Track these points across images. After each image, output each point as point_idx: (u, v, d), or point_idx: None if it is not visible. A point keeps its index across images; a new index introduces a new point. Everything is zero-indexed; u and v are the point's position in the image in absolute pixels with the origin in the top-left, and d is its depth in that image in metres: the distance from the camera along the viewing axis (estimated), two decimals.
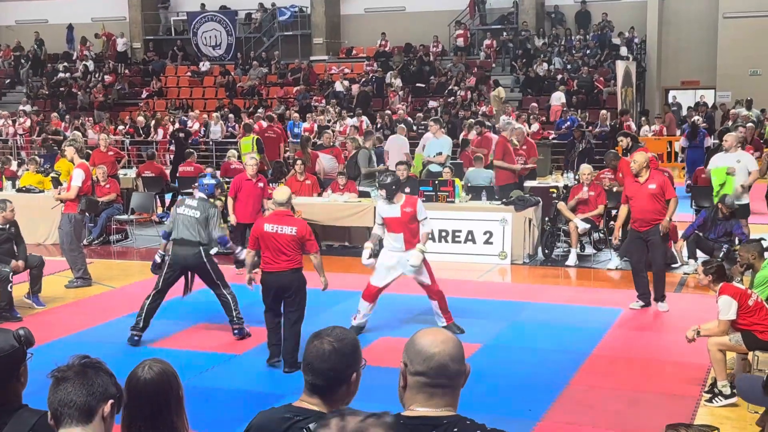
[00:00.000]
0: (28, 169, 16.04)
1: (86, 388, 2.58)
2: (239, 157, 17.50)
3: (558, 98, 24.70)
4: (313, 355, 2.83)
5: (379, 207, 9.06)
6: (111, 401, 2.63)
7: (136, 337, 8.58)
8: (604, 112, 23.05)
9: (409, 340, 2.66)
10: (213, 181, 9.19)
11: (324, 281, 8.15)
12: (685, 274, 11.47)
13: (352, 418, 2.10)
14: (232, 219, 11.91)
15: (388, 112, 24.09)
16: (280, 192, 7.95)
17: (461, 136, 19.88)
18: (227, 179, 15.67)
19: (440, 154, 15.44)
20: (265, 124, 20.39)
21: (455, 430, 2.49)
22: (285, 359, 7.77)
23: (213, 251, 9.09)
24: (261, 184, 12.07)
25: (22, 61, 32.97)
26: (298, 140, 21.69)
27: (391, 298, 10.72)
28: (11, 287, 9.71)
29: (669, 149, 22.77)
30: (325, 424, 2.12)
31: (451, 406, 2.57)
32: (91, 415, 2.58)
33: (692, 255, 11.40)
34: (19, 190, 14.86)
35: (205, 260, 8.63)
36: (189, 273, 8.84)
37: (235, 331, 8.76)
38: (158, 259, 8.96)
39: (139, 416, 3.01)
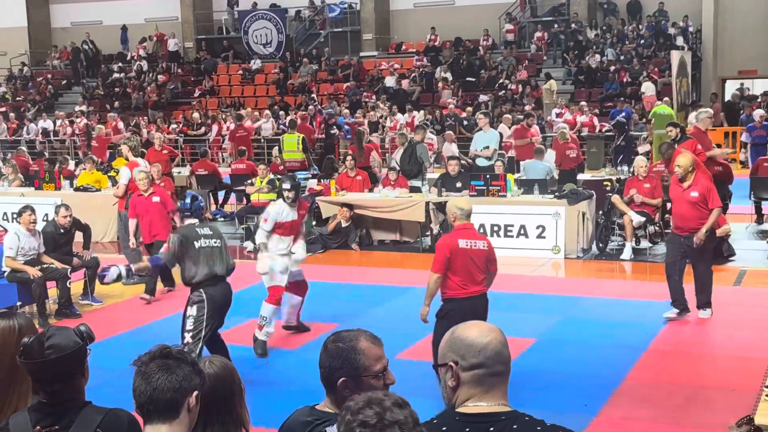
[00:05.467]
0: (85, 169, 16.34)
1: (170, 383, 2.59)
2: (280, 153, 17.68)
3: (651, 89, 24.21)
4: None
5: (280, 211, 8.53)
6: (196, 393, 2.64)
7: None
8: (659, 102, 22.66)
9: (449, 340, 2.61)
10: (201, 202, 7.89)
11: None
12: None
13: None
14: (133, 242, 10.99)
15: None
16: (465, 201, 7.05)
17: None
18: (278, 177, 15.82)
19: (487, 148, 15.38)
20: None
21: (514, 426, 2.46)
22: None
23: None
24: (157, 199, 10.84)
25: (78, 64, 33.58)
26: (349, 137, 21.89)
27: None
28: (70, 284, 9.94)
29: (726, 140, 22.32)
30: None
31: (504, 399, 2.55)
32: (177, 411, 2.60)
33: None
34: (76, 189, 15.15)
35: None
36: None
37: None
38: (123, 274, 7.19)
39: (204, 409, 3.05)
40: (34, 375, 2.84)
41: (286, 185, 8.58)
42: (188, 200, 7.60)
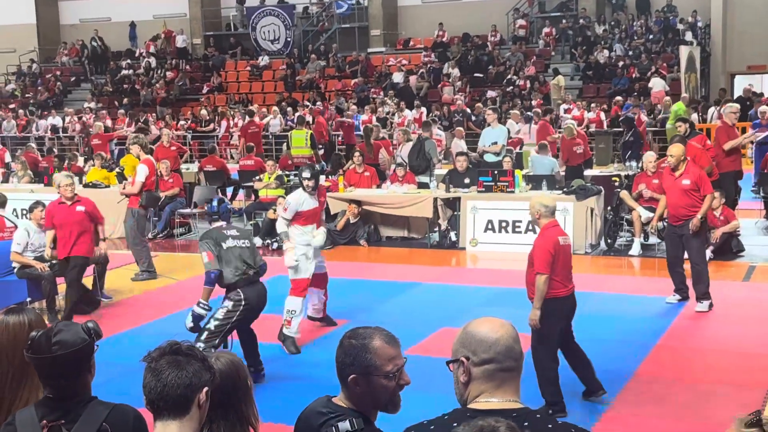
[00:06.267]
0: (94, 165, 16.39)
1: (180, 380, 2.58)
2: (288, 148, 17.73)
3: (659, 84, 24.13)
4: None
5: (299, 201, 8.43)
6: (206, 389, 2.64)
7: None
8: (667, 98, 22.62)
9: (461, 335, 2.63)
10: (228, 205, 7.88)
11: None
12: None
13: None
14: (48, 253, 9.82)
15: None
16: (550, 198, 6.82)
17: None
18: (287, 172, 15.85)
19: (495, 143, 15.38)
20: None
21: (525, 423, 2.46)
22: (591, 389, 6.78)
23: None
24: (81, 208, 9.68)
25: (84, 60, 33.67)
26: (356, 133, 21.90)
27: (450, 288, 10.71)
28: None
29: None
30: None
31: (516, 396, 2.55)
32: (187, 408, 2.60)
33: None
34: (85, 186, 15.18)
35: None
36: None
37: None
38: (202, 313, 7.19)
39: (210, 405, 3.06)
40: (40, 370, 2.85)
41: (306, 174, 8.47)
42: (215, 203, 7.55)
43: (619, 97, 23.66)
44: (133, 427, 2.86)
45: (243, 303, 7.10)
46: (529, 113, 21.00)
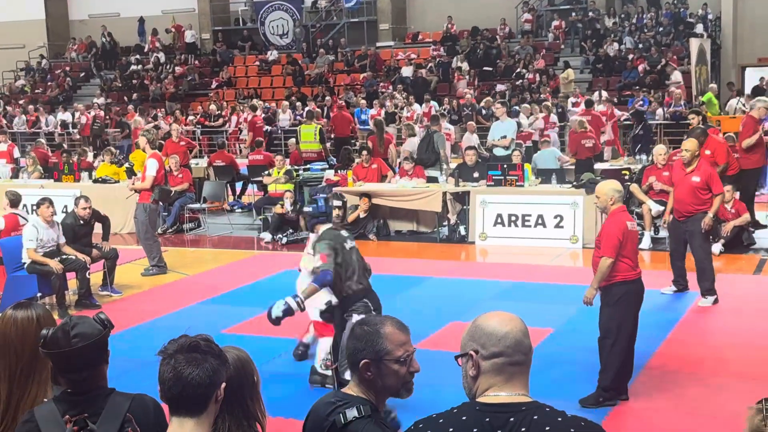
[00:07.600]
0: (103, 160, 16.42)
1: (200, 379, 2.57)
2: (297, 143, 17.76)
3: (679, 77, 24.05)
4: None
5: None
6: (223, 384, 2.64)
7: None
8: (678, 91, 22.52)
9: (470, 329, 2.63)
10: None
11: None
12: None
13: None
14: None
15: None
16: (618, 183, 6.86)
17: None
18: (296, 167, 15.86)
19: (504, 137, 15.34)
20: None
21: (535, 417, 2.45)
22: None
23: None
24: None
25: (91, 57, 33.75)
26: (365, 127, 21.91)
27: (459, 283, 10.70)
28: (89, 275, 10.00)
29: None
30: None
31: (525, 390, 2.54)
32: (205, 405, 2.60)
33: None
34: (95, 181, 15.24)
35: None
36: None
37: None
38: (294, 310, 6.39)
39: None
40: (61, 365, 2.85)
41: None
42: (321, 202, 6.72)
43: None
44: (154, 416, 2.89)
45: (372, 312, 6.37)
46: (515, 107, 20.91)
